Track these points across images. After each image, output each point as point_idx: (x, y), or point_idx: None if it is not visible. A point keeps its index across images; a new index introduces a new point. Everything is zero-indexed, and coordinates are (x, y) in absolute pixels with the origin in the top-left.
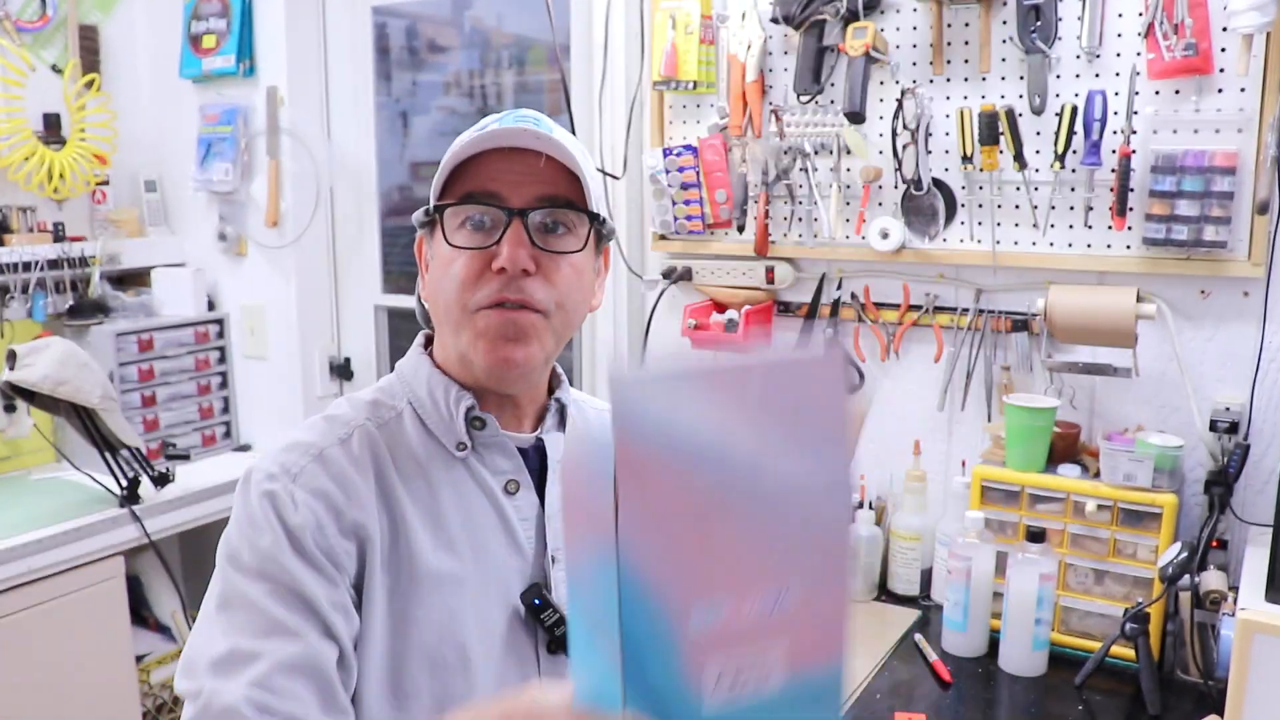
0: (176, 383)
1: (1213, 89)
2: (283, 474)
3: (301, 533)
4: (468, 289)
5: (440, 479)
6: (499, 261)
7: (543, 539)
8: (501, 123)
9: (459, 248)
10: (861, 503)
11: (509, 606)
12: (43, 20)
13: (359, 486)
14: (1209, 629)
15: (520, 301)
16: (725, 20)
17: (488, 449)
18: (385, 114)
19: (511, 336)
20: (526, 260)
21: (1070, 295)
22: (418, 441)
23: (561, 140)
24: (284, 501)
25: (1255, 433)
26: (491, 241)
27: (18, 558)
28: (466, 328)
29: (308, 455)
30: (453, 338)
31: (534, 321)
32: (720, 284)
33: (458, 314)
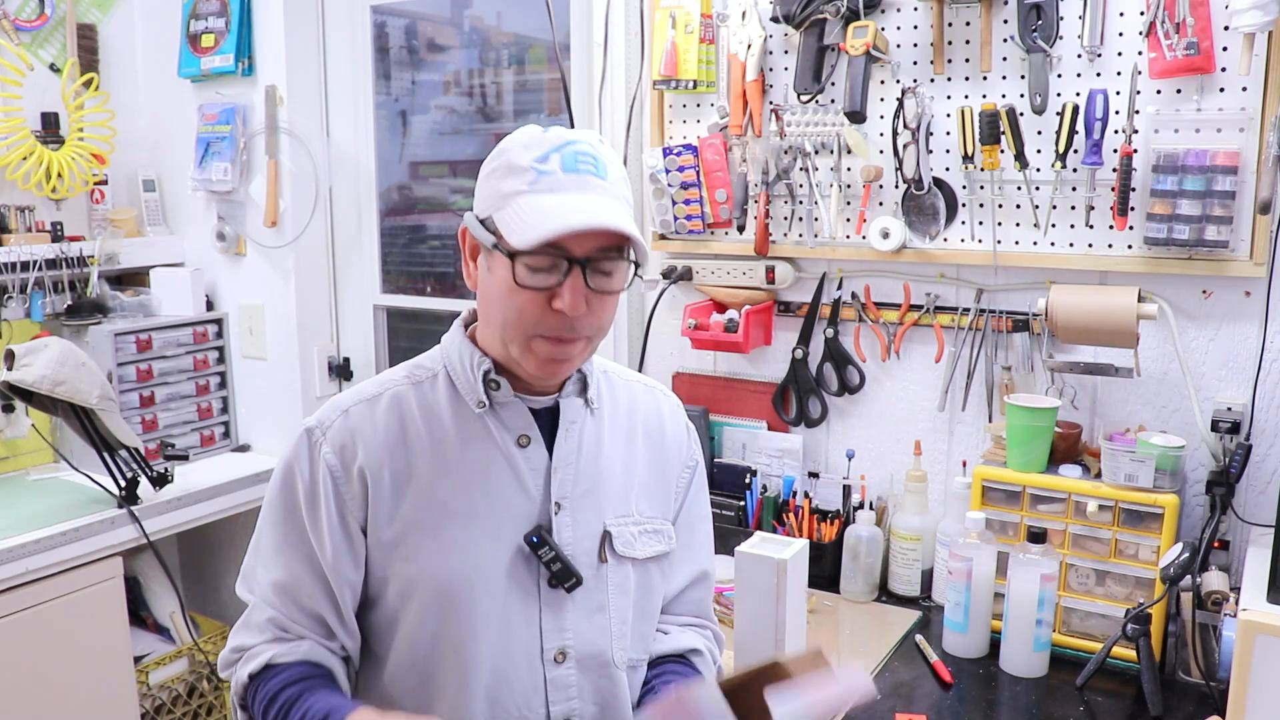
0: (175, 383)
1: (1214, 88)
2: (317, 426)
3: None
4: (528, 320)
5: (462, 431)
6: (560, 304)
7: (548, 488)
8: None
9: (524, 287)
10: (862, 503)
11: (514, 543)
12: (41, 19)
13: (373, 442)
14: (1211, 630)
15: (571, 337)
16: (725, 19)
17: (504, 407)
18: (384, 113)
19: (560, 359)
20: (583, 305)
21: (1072, 295)
22: (447, 399)
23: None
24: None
25: (1257, 433)
26: (553, 283)
27: (16, 558)
28: (521, 346)
29: (338, 411)
30: (502, 343)
31: (578, 346)
32: (720, 284)
33: (515, 335)
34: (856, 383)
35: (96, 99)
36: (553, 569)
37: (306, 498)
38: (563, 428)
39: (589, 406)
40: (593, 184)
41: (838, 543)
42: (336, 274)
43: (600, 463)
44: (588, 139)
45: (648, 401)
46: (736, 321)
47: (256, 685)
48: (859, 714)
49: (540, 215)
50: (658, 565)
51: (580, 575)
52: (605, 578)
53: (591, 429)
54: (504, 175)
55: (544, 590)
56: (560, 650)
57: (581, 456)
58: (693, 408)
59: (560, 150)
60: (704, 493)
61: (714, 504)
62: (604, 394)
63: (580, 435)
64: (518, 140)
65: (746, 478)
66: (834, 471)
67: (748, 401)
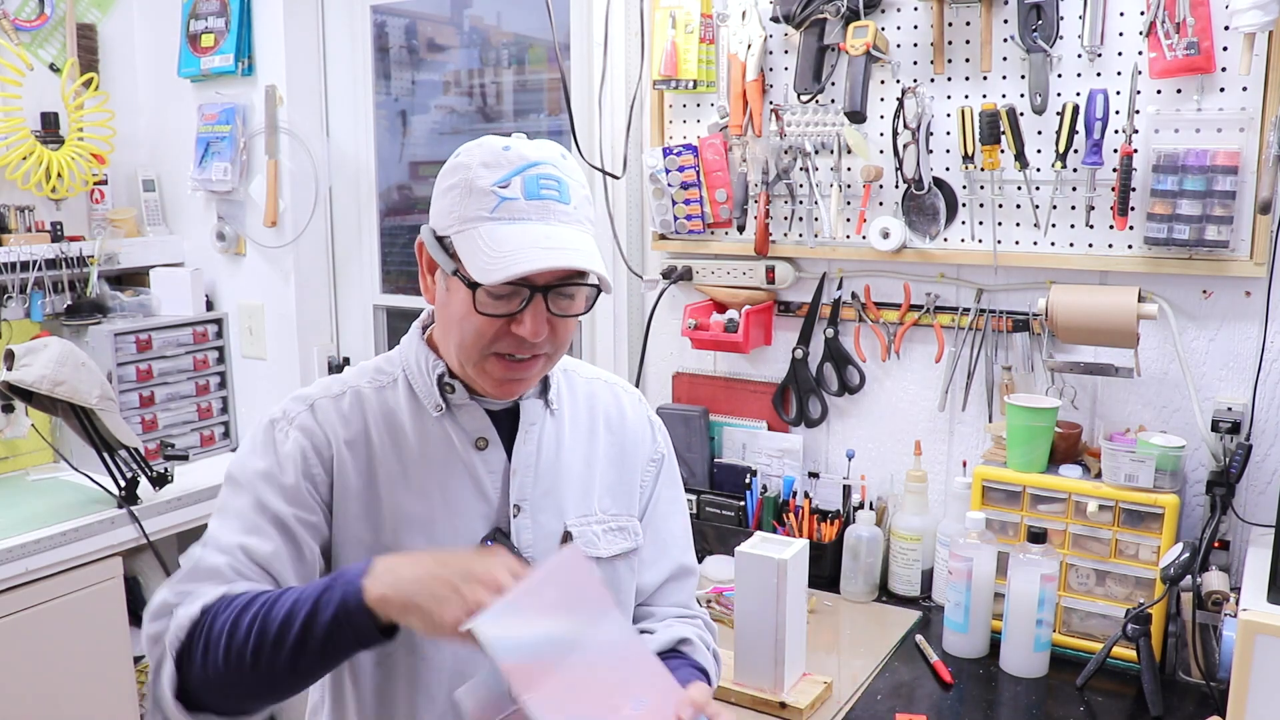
0: (175, 383)
1: (1214, 88)
2: (283, 417)
3: (286, 461)
4: (485, 341)
5: (419, 435)
6: (520, 330)
7: (506, 490)
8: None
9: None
10: (862, 503)
11: (470, 545)
12: (41, 19)
13: (340, 437)
14: (1211, 630)
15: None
16: (725, 19)
17: (461, 410)
18: (384, 113)
19: (516, 378)
20: (544, 330)
21: (1072, 295)
22: (406, 403)
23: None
24: (279, 435)
25: (1257, 433)
26: (513, 309)
27: (16, 558)
28: (476, 366)
29: (304, 404)
30: (459, 362)
31: (536, 364)
32: (720, 284)
33: (472, 355)
34: (856, 383)
35: (96, 99)
36: None
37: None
38: (522, 429)
39: (549, 407)
40: (555, 211)
41: (838, 543)
42: (336, 274)
43: (560, 463)
44: (549, 158)
45: (608, 397)
46: (736, 321)
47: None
48: (859, 714)
49: (502, 251)
50: (625, 562)
51: None
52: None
53: (551, 429)
54: (464, 195)
55: None
56: None
57: (541, 458)
58: (693, 408)
59: (523, 174)
60: (675, 486)
61: (714, 504)
62: (564, 393)
63: (540, 436)
64: (477, 158)
65: (746, 478)
66: (834, 471)
67: (748, 401)
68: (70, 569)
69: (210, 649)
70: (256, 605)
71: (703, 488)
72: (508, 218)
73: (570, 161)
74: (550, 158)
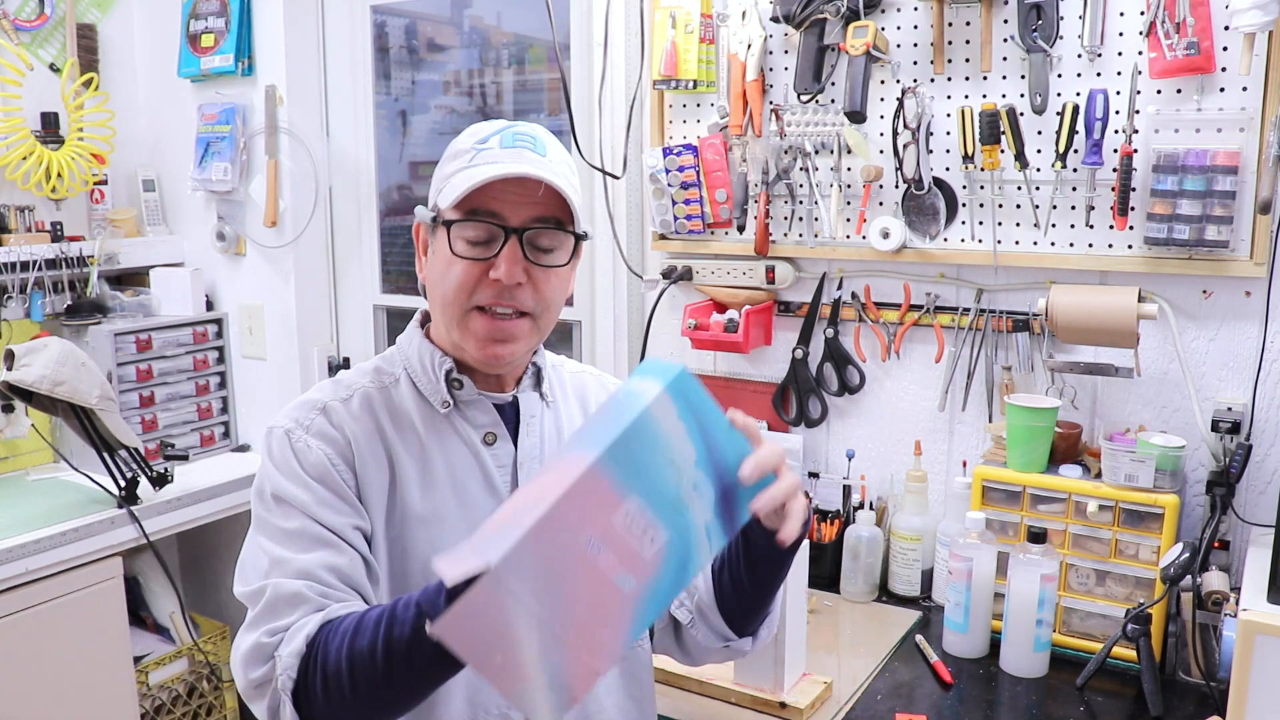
0: (175, 383)
1: (1214, 88)
2: (297, 426)
3: (315, 470)
4: (465, 292)
5: (429, 433)
6: (496, 274)
7: (516, 483)
8: (503, 142)
9: (460, 256)
10: (862, 503)
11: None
12: (41, 19)
13: (358, 438)
14: (1211, 630)
15: (511, 307)
16: (725, 19)
17: (468, 406)
18: (384, 113)
19: (499, 338)
20: (520, 274)
21: (1072, 295)
22: (411, 402)
23: (557, 165)
24: (300, 447)
25: (1257, 433)
26: (490, 254)
27: (16, 559)
28: (461, 325)
29: (315, 410)
30: (447, 328)
31: (521, 325)
32: (720, 284)
33: (455, 312)
34: (856, 383)
35: (96, 99)
36: None
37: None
38: (524, 422)
39: (545, 400)
40: (528, 157)
41: (838, 543)
42: (336, 274)
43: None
44: (531, 127)
45: (596, 387)
46: (736, 321)
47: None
48: (859, 714)
49: (471, 178)
50: None
51: None
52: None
53: (550, 420)
54: (447, 162)
55: None
56: None
57: (545, 450)
58: None
59: (501, 132)
60: None
61: None
62: (555, 387)
63: (541, 429)
64: (464, 133)
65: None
66: (834, 471)
67: (748, 401)
68: (70, 569)
69: (331, 680)
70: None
71: None
72: (483, 162)
73: (554, 138)
74: (533, 126)
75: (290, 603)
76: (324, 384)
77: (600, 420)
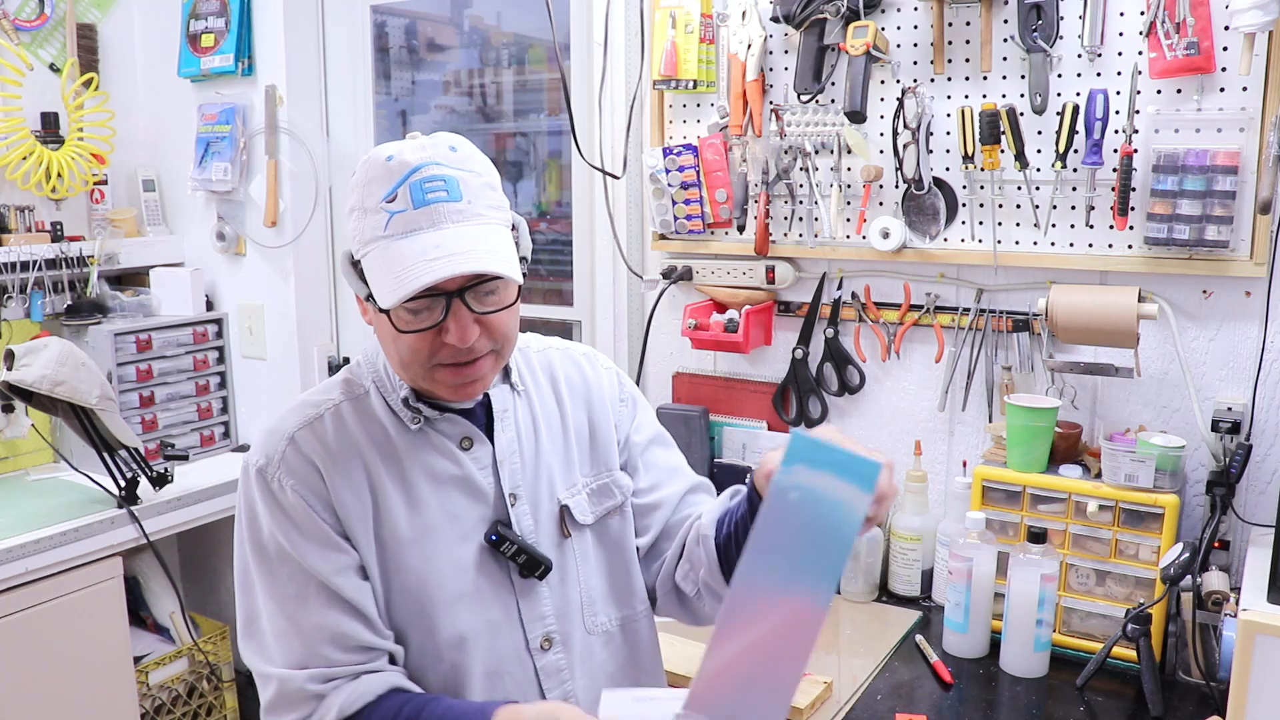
0: (175, 383)
1: (1215, 88)
2: (269, 463)
3: (293, 511)
4: (421, 360)
5: (405, 447)
6: (449, 338)
7: (499, 481)
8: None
9: (407, 332)
10: None
11: (478, 546)
12: (41, 19)
13: (332, 463)
14: (1211, 630)
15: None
16: (725, 19)
17: (437, 419)
18: (384, 113)
19: (468, 381)
20: (473, 332)
21: (1072, 295)
22: (383, 414)
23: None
24: (276, 489)
25: (1257, 433)
26: (435, 321)
27: (16, 558)
28: (426, 379)
29: (284, 440)
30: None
31: (485, 363)
32: (720, 284)
33: (418, 371)
34: (856, 383)
35: (96, 99)
36: (519, 561)
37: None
38: (497, 417)
39: (515, 390)
40: (445, 213)
41: None
42: (336, 274)
43: (540, 442)
44: (434, 157)
45: (563, 361)
46: (736, 321)
47: None
48: (859, 714)
49: (396, 271)
50: (616, 518)
51: (548, 560)
52: (571, 551)
53: (524, 410)
54: (360, 218)
55: (518, 583)
56: (545, 637)
57: (523, 442)
58: (693, 408)
59: (407, 181)
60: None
61: None
62: (524, 371)
63: (516, 422)
64: (366, 175)
65: (747, 478)
66: None
67: (748, 401)
68: (70, 569)
69: None
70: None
71: None
72: (399, 233)
73: (463, 153)
74: (434, 157)
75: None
76: (291, 406)
77: (799, 540)
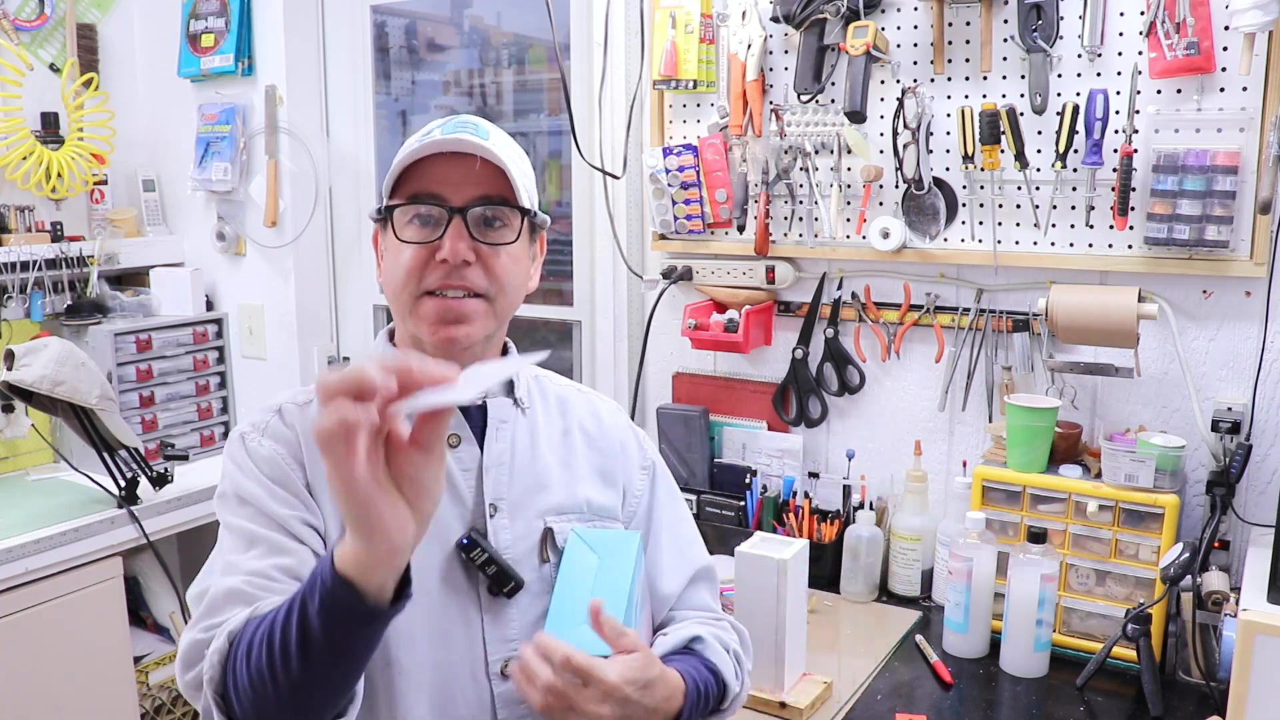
0: (175, 383)
1: (1215, 88)
2: (253, 429)
3: (264, 464)
4: (414, 278)
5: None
6: (442, 254)
7: (481, 489)
8: (444, 130)
9: (407, 242)
10: (862, 503)
11: (447, 550)
12: (40, 19)
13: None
14: (1211, 630)
15: (462, 288)
16: (725, 19)
17: None
18: (384, 113)
19: (452, 320)
20: (466, 252)
21: (1072, 295)
22: None
23: (496, 144)
24: (252, 444)
25: (1257, 433)
26: (435, 236)
27: (16, 558)
28: (413, 312)
29: (271, 412)
30: (402, 321)
31: (474, 306)
32: (720, 284)
33: (406, 300)
34: (856, 383)
35: (96, 99)
36: (488, 573)
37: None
38: (492, 426)
39: (519, 406)
40: (468, 140)
41: (838, 543)
42: (336, 274)
43: (537, 462)
44: (476, 118)
45: (581, 402)
46: (736, 321)
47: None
48: (859, 714)
49: (411, 151)
50: None
51: (520, 579)
52: (549, 579)
53: (525, 428)
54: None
55: (485, 599)
56: (506, 662)
57: (516, 457)
58: (693, 408)
59: (444, 123)
60: (675, 494)
61: (714, 504)
62: (535, 396)
63: (513, 435)
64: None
65: (746, 478)
66: (834, 471)
67: (748, 401)
68: (70, 569)
69: (239, 678)
70: (268, 619)
71: (703, 488)
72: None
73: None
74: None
75: (227, 599)
76: (291, 390)
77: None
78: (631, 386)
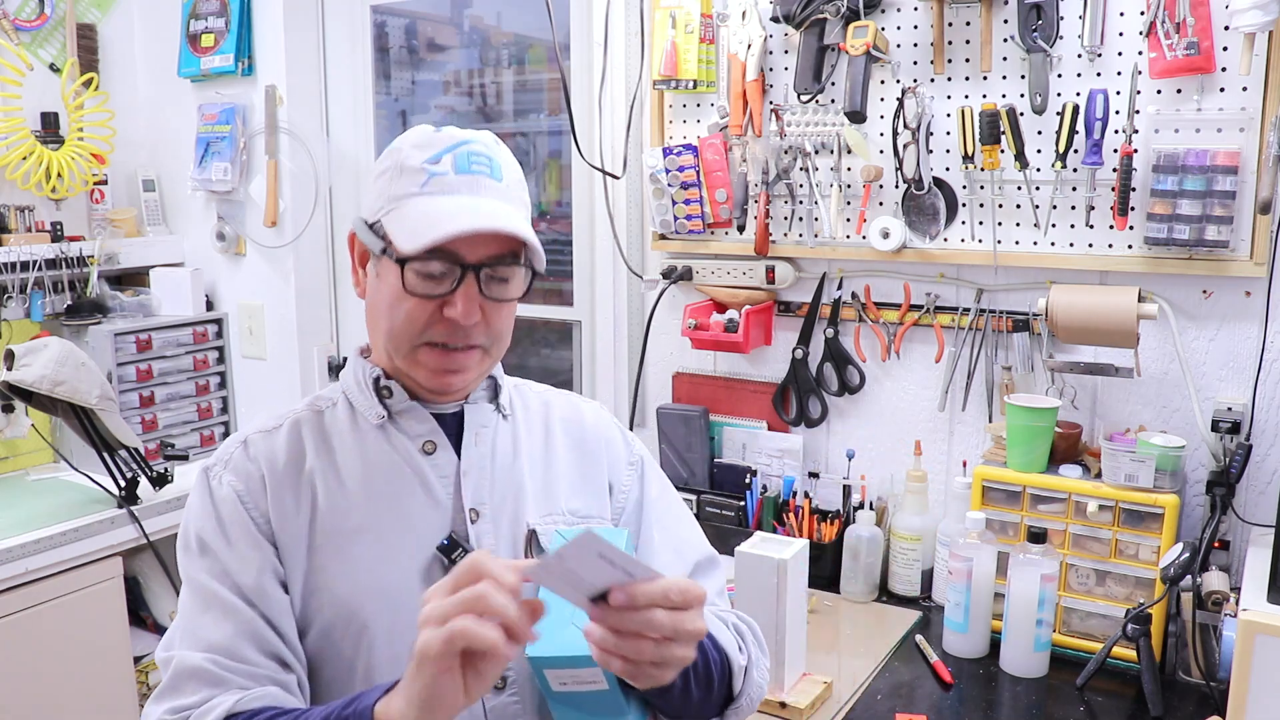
0: (175, 383)
1: (1215, 88)
2: (217, 463)
3: (224, 507)
4: (417, 329)
5: (364, 448)
6: (452, 313)
7: (459, 495)
8: (458, 165)
9: (413, 294)
10: (862, 503)
11: (427, 557)
12: (41, 19)
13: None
14: (1211, 630)
15: (463, 345)
16: (725, 19)
17: (403, 415)
18: (384, 113)
19: (452, 369)
20: (476, 313)
21: (1072, 295)
22: (346, 422)
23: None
24: (214, 482)
25: (1257, 433)
26: (445, 291)
27: (16, 558)
28: (409, 358)
29: (237, 444)
30: (391, 356)
31: (472, 356)
32: (720, 284)
33: (403, 346)
34: (856, 383)
35: (96, 99)
36: None
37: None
38: (470, 431)
39: (500, 412)
40: (486, 185)
41: (838, 543)
42: (336, 274)
43: (518, 467)
44: (483, 139)
45: (563, 404)
46: (736, 321)
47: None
48: (859, 714)
49: (430, 218)
50: None
51: None
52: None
53: (506, 434)
54: (395, 177)
55: None
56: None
57: (497, 462)
58: (693, 408)
59: (453, 150)
60: (666, 489)
61: (714, 504)
62: (516, 402)
63: (494, 441)
64: (409, 140)
65: (746, 478)
66: (834, 471)
67: (748, 401)
68: (70, 569)
69: None
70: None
71: (703, 488)
72: (438, 191)
73: (504, 149)
74: (484, 138)
75: (191, 677)
76: (262, 416)
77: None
78: (631, 386)
